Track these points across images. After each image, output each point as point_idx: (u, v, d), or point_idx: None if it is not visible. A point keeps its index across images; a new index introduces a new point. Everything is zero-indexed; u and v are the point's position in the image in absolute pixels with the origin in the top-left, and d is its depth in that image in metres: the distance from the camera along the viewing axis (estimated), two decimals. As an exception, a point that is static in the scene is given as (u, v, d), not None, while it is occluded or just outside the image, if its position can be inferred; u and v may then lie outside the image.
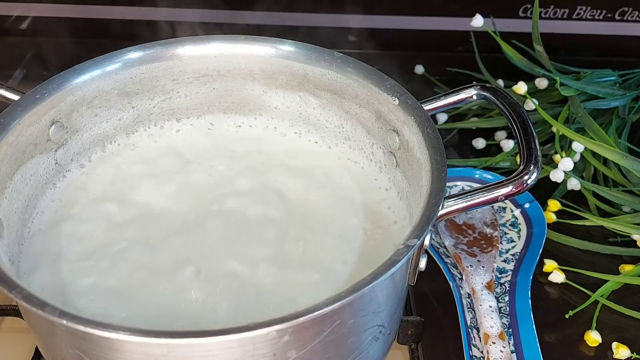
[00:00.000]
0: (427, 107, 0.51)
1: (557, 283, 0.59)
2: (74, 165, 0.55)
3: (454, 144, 0.72)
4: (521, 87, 0.68)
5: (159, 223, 0.51)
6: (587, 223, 0.63)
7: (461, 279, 0.58)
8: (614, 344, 0.54)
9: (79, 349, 0.39)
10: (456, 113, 0.75)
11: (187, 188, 0.54)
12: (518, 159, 0.68)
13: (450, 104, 0.52)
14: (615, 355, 0.54)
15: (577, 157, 0.66)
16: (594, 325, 0.55)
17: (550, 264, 0.60)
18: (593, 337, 0.55)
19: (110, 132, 0.56)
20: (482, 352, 0.52)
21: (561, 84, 0.67)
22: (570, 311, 0.56)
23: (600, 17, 0.84)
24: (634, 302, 0.58)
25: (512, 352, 0.52)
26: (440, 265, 0.59)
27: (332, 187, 0.55)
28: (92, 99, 0.53)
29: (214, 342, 0.36)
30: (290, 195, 0.54)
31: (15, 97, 0.50)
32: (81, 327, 0.36)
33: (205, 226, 0.51)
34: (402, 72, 0.78)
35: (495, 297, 0.56)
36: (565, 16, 0.84)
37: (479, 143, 0.73)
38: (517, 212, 0.64)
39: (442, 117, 0.75)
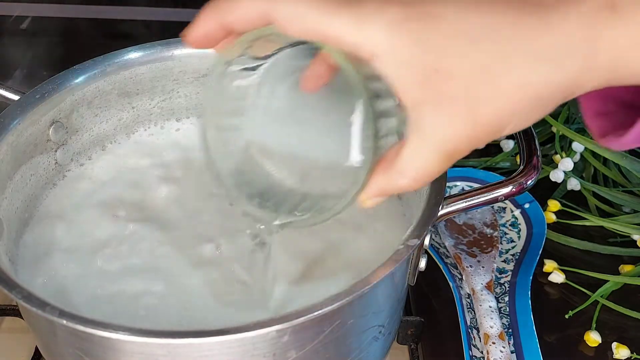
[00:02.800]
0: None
1: (557, 283, 0.59)
2: (74, 165, 0.55)
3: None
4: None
5: (165, 210, 0.52)
6: (587, 223, 0.63)
7: (461, 279, 0.58)
8: (614, 344, 0.54)
9: (79, 349, 0.39)
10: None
11: (188, 187, 0.55)
12: (518, 159, 0.68)
13: (450, 104, 0.52)
14: (615, 356, 0.54)
15: (577, 157, 0.66)
16: (594, 325, 0.55)
17: (550, 264, 0.60)
18: (593, 338, 0.55)
19: (110, 132, 0.56)
20: (482, 352, 0.52)
21: None
22: (570, 311, 0.56)
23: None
24: (634, 302, 0.58)
25: (512, 352, 0.52)
26: (440, 266, 0.59)
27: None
28: (92, 99, 0.53)
29: (214, 342, 0.36)
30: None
31: (15, 97, 0.50)
32: (81, 327, 0.36)
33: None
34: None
35: (495, 297, 0.56)
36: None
37: (479, 143, 0.73)
38: (517, 213, 0.64)
39: (442, 117, 0.75)
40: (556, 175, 0.64)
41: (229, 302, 0.46)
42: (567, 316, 0.56)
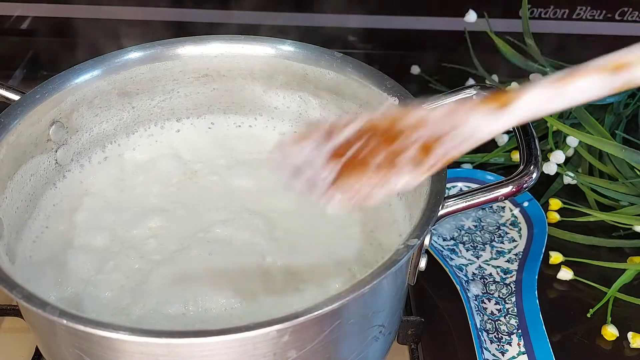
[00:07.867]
0: (427, 107, 0.51)
1: (565, 280, 0.59)
2: (74, 165, 0.55)
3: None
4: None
5: (158, 222, 0.52)
6: (591, 219, 0.63)
7: (467, 281, 0.58)
8: (630, 334, 0.54)
9: (79, 349, 0.39)
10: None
11: (185, 188, 0.55)
12: (512, 155, 0.68)
13: (450, 103, 0.52)
14: (633, 345, 0.54)
15: (571, 151, 0.66)
16: (609, 319, 0.55)
17: (556, 256, 0.60)
18: (610, 331, 0.54)
19: (110, 132, 0.56)
20: (493, 355, 0.52)
21: None
22: (590, 310, 0.56)
23: (600, 17, 0.84)
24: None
25: (523, 352, 0.52)
26: (447, 269, 0.59)
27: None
28: (92, 99, 0.53)
29: (214, 342, 0.36)
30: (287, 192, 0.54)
31: (16, 97, 0.50)
32: (81, 327, 0.36)
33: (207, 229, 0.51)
34: (398, 72, 0.77)
35: (502, 298, 0.56)
36: (565, 16, 0.84)
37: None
38: (516, 212, 0.64)
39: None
40: (549, 168, 0.64)
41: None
42: (588, 315, 0.56)
